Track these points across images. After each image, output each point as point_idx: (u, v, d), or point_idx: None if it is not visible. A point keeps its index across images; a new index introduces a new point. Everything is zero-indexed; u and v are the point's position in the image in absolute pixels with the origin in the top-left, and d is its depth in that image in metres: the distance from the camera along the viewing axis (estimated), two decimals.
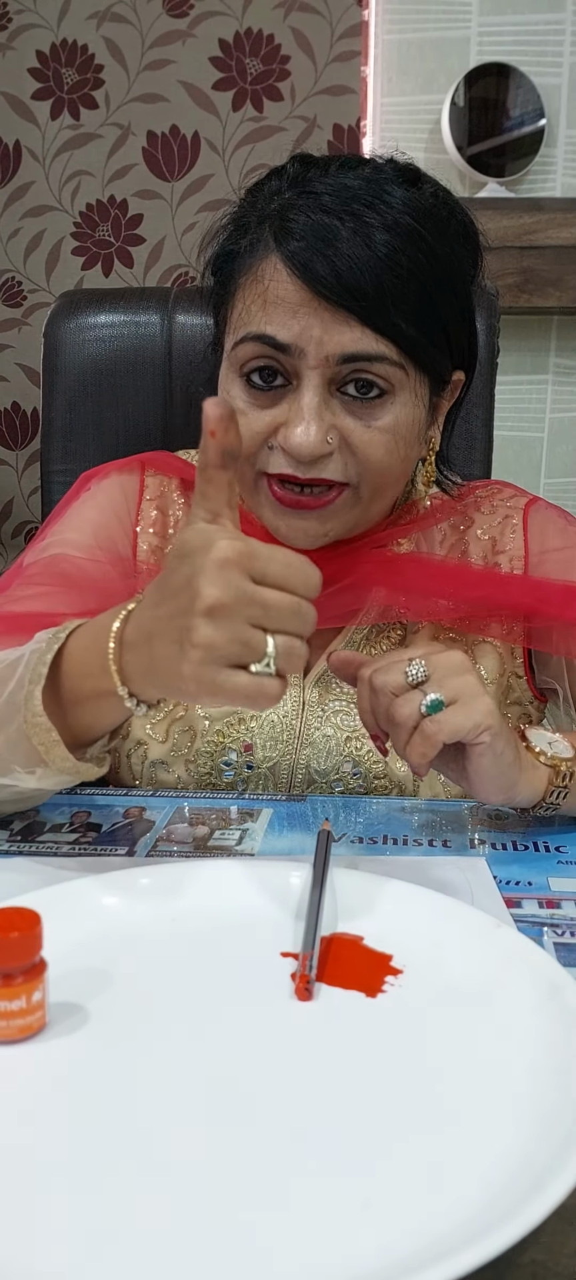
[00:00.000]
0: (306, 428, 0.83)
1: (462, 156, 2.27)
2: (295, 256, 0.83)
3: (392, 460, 0.88)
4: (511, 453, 2.37)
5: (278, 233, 0.85)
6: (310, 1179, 0.45)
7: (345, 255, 0.82)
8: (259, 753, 0.96)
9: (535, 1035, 0.53)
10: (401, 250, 0.83)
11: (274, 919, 0.65)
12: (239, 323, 0.88)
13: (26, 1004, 0.54)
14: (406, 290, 0.84)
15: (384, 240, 0.83)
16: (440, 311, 0.87)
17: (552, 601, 0.95)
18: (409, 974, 0.60)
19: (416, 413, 0.89)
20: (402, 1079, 0.51)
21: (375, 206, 0.84)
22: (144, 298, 1.35)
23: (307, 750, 0.96)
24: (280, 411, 0.86)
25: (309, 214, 0.84)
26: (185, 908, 0.67)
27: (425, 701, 0.74)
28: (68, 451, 1.33)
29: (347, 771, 0.96)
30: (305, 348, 0.84)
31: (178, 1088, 0.51)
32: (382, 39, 2.29)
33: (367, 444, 0.86)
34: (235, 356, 0.88)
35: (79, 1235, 0.42)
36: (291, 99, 2.32)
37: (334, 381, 0.85)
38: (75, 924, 0.63)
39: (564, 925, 0.68)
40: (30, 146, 2.37)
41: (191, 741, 0.96)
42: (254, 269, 0.87)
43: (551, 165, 2.33)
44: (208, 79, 2.32)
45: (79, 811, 0.88)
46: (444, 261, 0.87)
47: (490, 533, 1.00)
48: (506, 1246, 0.39)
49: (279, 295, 0.84)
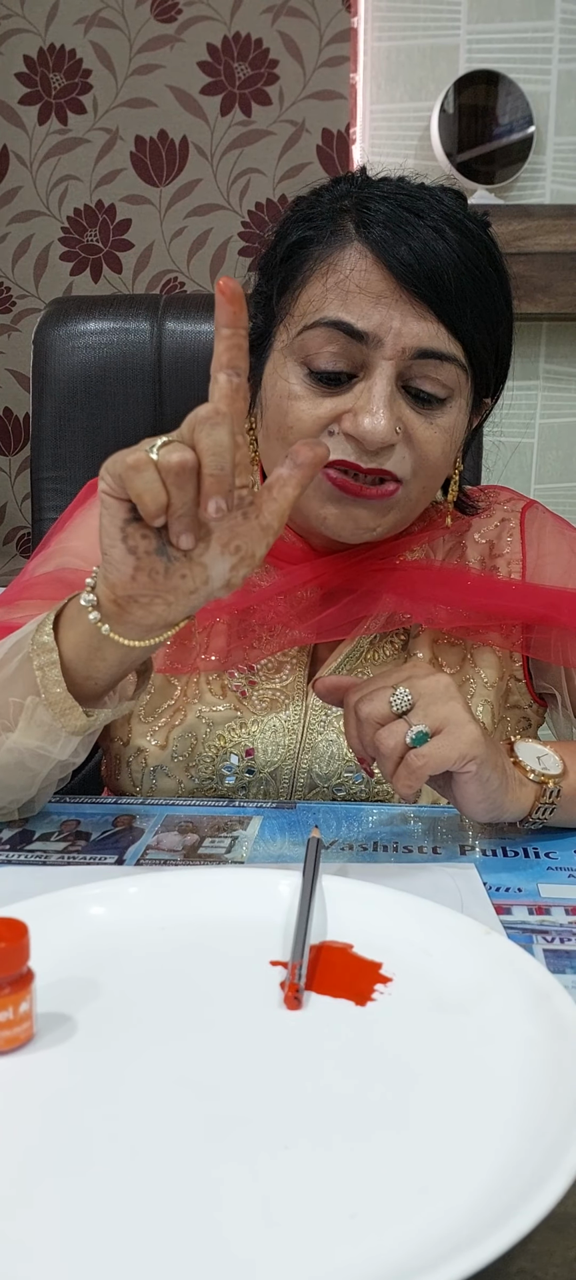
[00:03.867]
0: (377, 416, 0.84)
1: (451, 163, 2.27)
2: (379, 244, 0.84)
3: (445, 462, 0.90)
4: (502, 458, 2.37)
5: (358, 222, 0.86)
6: (297, 1189, 0.44)
7: (426, 244, 0.84)
8: (260, 757, 0.95)
9: (524, 1042, 0.53)
10: (473, 254, 0.86)
11: (263, 927, 0.65)
12: (307, 309, 0.87)
13: (13, 1015, 0.53)
14: (478, 294, 0.86)
15: (457, 240, 0.85)
16: (498, 328, 0.90)
17: (554, 607, 0.95)
18: (398, 982, 0.60)
19: (464, 421, 0.92)
20: (391, 1088, 0.51)
21: (445, 214, 0.86)
22: (134, 305, 1.35)
23: (309, 755, 0.96)
24: (343, 400, 0.86)
25: (389, 205, 0.86)
26: (174, 916, 0.66)
27: (410, 734, 0.74)
28: (58, 458, 1.32)
29: (349, 777, 0.95)
30: (383, 338, 0.84)
31: (166, 1098, 0.50)
32: (372, 45, 2.30)
33: (428, 441, 0.87)
34: (300, 343, 0.87)
35: (65, 1246, 0.41)
36: (280, 104, 2.32)
37: (403, 376, 0.86)
38: (63, 934, 0.63)
39: (553, 932, 0.68)
40: (17, 151, 2.36)
41: (192, 748, 0.96)
42: (331, 258, 0.87)
43: (540, 172, 2.33)
44: (196, 84, 2.32)
45: (68, 820, 0.87)
46: (503, 279, 0.90)
47: (487, 536, 1.01)
48: (495, 1256, 0.39)
49: (360, 284, 0.85)
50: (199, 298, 1.36)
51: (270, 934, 0.64)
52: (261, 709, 0.96)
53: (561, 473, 2.44)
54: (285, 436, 0.88)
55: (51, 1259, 0.41)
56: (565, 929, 0.69)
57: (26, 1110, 0.50)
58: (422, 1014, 0.57)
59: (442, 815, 0.89)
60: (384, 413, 0.84)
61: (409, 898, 0.67)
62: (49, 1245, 0.42)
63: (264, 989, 0.59)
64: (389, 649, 0.99)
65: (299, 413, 0.87)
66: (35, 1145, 0.47)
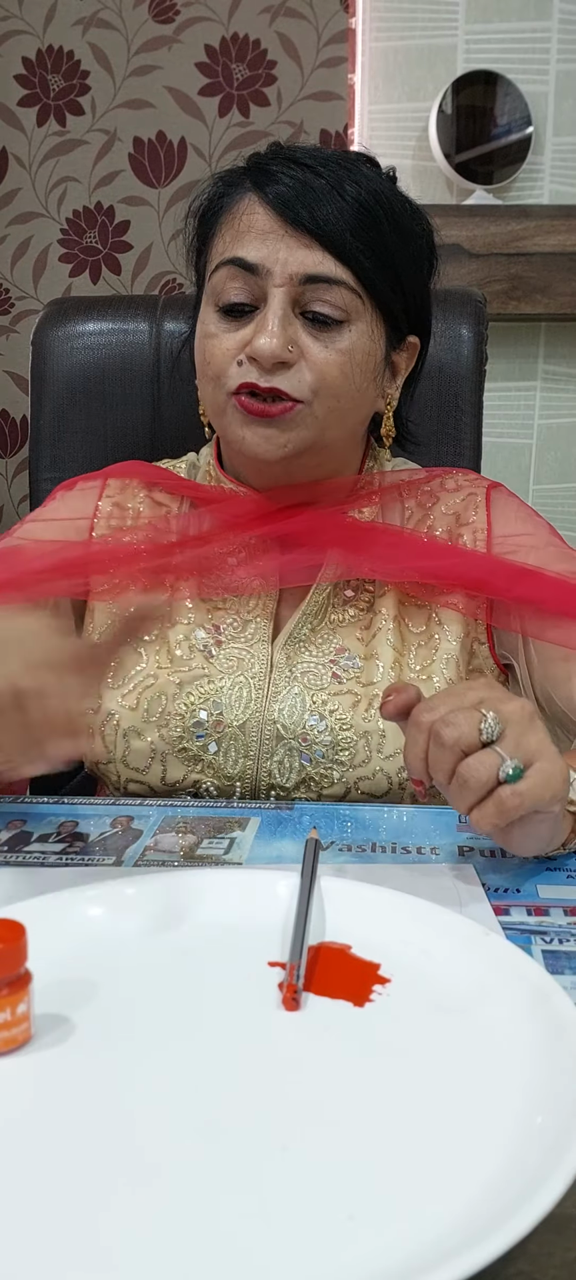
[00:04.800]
0: (270, 334, 0.92)
1: (450, 164, 2.27)
2: (266, 190, 0.95)
3: (347, 384, 0.96)
4: (501, 459, 2.38)
5: (256, 178, 0.97)
6: (295, 1190, 0.44)
7: (306, 183, 0.94)
8: (228, 713, 0.98)
9: (523, 1043, 0.53)
10: (367, 201, 0.95)
11: (261, 928, 0.65)
12: (214, 255, 0.99)
13: (11, 1016, 0.53)
14: (367, 230, 0.95)
15: (353, 193, 0.95)
16: (395, 259, 0.97)
17: (500, 577, 0.99)
18: (397, 983, 0.60)
19: (372, 347, 0.98)
20: (390, 1089, 0.51)
21: (347, 168, 0.96)
22: (132, 305, 1.35)
23: (275, 707, 0.98)
24: (248, 331, 0.95)
25: (285, 164, 0.96)
26: (172, 918, 0.66)
27: (505, 769, 0.69)
28: (56, 459, 1.32)
29: (313, 726, 0.97)
30: (271, 268, 0.94)
31: (164, 1099, 0.50)
32: (370, 46, 2.30)
33: (324, 362, 0.94)
34: (211, 287, 0.98)
35: (63, 1248, 0.41)
36: (278, 104, 2.32)
37: (297, 303, 0.95)
38: (61, 935, 0.63)
39: (552, 933, 0.68)
40: (16, 153, 2.36)
41: (162, 707, 0.99)
42: (232, 209, 0.98)
43: (539, 172, 2.33)
44: (194, 85, 2.32)
45: (66, 821, 0.87)
46: (403, 228, 0.98)
47: (454, 509, 1.05)
48: (493, 1257, 0.39)
49: (250, 224, 0.96)
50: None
51: (268, 935, 0.64)
52: (228, 667, 1.00)
53: (560, 473, 2.44)
54: (205, 372, 0.98)
55: (51, 1259, 0.41)
56: (563, 930, 0.69)
57: (24, 1112, 0.50)
58: (421, 1015, 0.57)
59: (441, 816, 0.89)
60: (276, 331, 0.92)
61: (407, 898, 0.67)
62: (48, 1245, 0.41)
63: (262, 990, 0.59)
64: (352, 610, 1.02)
65: (213, 348, 0.97)
66: (33, 1146, 0.47)
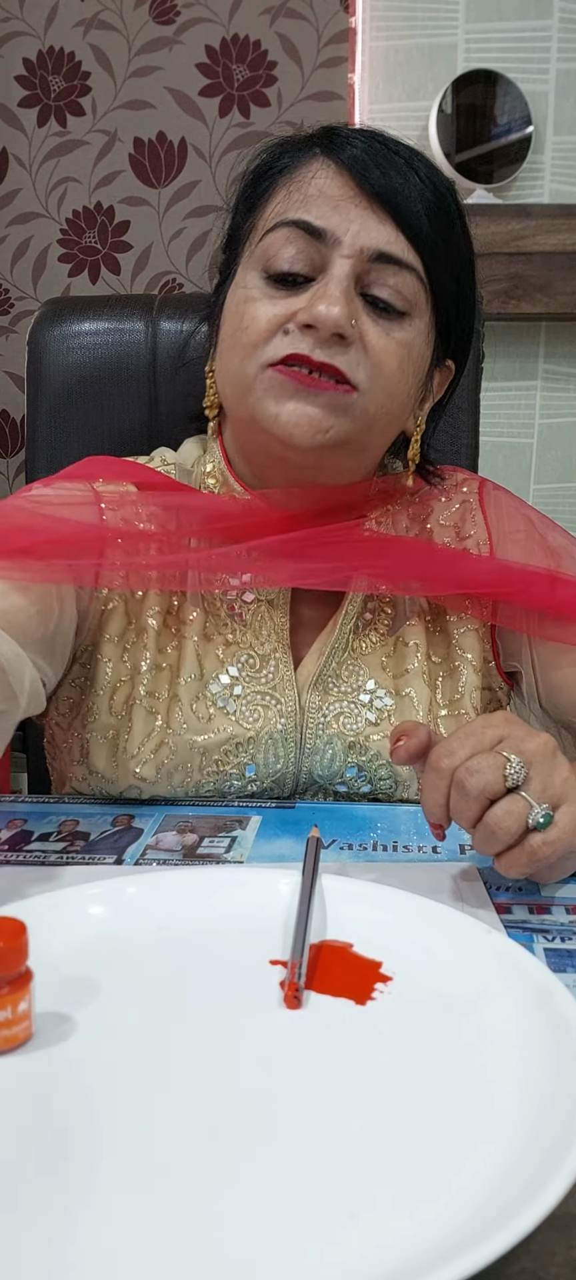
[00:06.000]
0: (332, 302, 0.82)
1: (450, 163, 2.27)
2: (342, 156, 0.86)
3: (402, 380, 0.88)
4: (501, 458, 2.37)
5: (328, 143, 0.87)
6: (297, 1189, 0.44)
7: (395, 167, 0.86)
8: (262, 770, 0.93)
9: (525, 1041, 0.53)
10: (440, 188, 0.88)
11: (262, 926, 0.65)
12: (270, 216, 0.88)
13: (12, 1014, 0.53)
14: (440, 219, 0.88)
15: (426, 173, 0.88)
16: (461, 261, 0.91)
17: (522, 583, 0.94)
18: (399, 981, 0.60)
19: (426, 352, 0.91)
20: (392, 1087, 0.51)
21: (412, 150, 0.89)
22: (128, 305, 1.34)
23: (310, 759, 0.94)
24: (300, 300, 0.85)
25: (356, 134, 0.88)
26: (173, 916, 0.66)
27: (535, 817, 0.68)
28: (53, 460, 1.32)
29: (351, 776, 0.94)
30: (341, 236, 0.84)
31: (165, 1098, 0.50)
32: (369, 45, 2.30)
33: (384, 350, 0.86)
34: (261, 249, 0.87)
35: (64, 1246, 0.41)
36: (278, 105, 2.32)
37: (360, 281, 0.85)
38: (62, 933, 0.63)
39: (554, 931, 0.68)
40: (16, 153, 2.36)
41: (186, 772, 0.92)
42: (297, 170, 0.88)
43: (539, 171, 2.33)
44: (194, 85, 2.32)
45: (67, 820, 0.87)
46: (467, 235, 0.92)
47: (451, 520, 1.00)
48: (496, 1256, 0.38)
49: (320, 188, 0.86)
50: (193, 297, 1.36)
51: (270, 933, 0.64)
52: (253, 719, 0.93)
53: (560, 473, 2.44)
54: (239, 339, 0.87)
55: (50, 1258, 0.40)
56: (565, 928, 0.69)
57: (24, 1110, 0.50)
58: (423, 1013, 0.57)
59: None
60: (341, 299, 0.82)
61: (409, 896, 0.67)
62: (48, 1244, 0.41)
63: (263, 988, 0.59)
64: (374, 634, 0.97)
65: (254, 312, 0.86)
66: (33, 1145, 0.47)
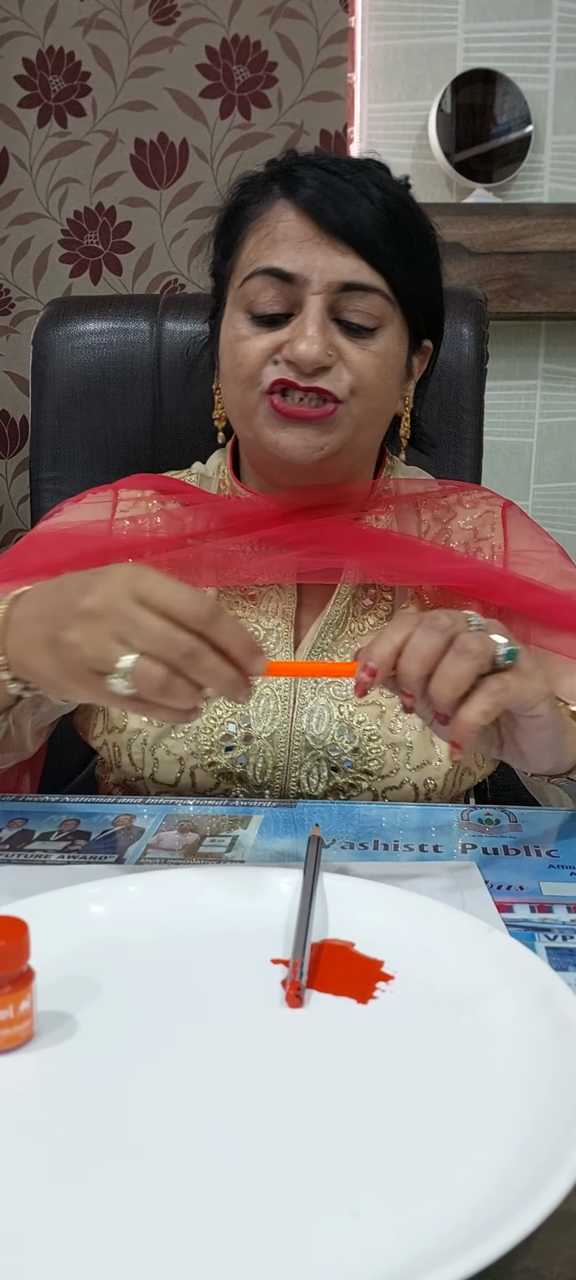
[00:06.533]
0: (310, 340, 0.92)
1: (450, 162, 2.27)
2: (301, 197, 0.95)
3: (382, 385, 0.97)
4: (501, 458, 2.37)
5: (286, 184, 0.96)
6: (300, 1187, 0.44)
7: (342, 192, 0.94)
8: (255, 725, 0.98)
9: (527, 1040, 0.53)
10: (393, 207, 0.96)
11: (264, 925, 0.65)
12: (246, 263, 0.98)
13: (14, 1013, 0.53)
14: (397, 236, 0.96)
15: (379, 196, 0.95)
16: (420, 264, 0.99)
17: (512, 585, 0.99)
18: (400, 980, 0.60)
19: (400, 350, 1.00)
20: (394, 1086, 0.51)
21: (367, 172, 0.97)
22: (133, 305, 1.34)
23: (304, 718, 0.98)
24: (283, 333, 0.95)
25: (315, 170, 0.96)
26: (174, 915, 0.66)
27: (500, 650, 0.69)
28: (57, 459, 1.32)
29: (342, 737, 0.97)
30: (309, 276, 0.93)
31: (167, 1096, 0.50)
32: (369, 45, 2.30)
33: (362, 363, 0.95)
34: (242, 294, 0.97)
35: (65, 1245, 0.41)
36: (279, 105, 2.32)
37: (333, 309, 0.94)
38: (63, 932, 0.63)
39: (555, 930, 0.68)
40: (17, 154, 2.36)
41: (190, 728, 0.98)
42: (262, 216, 0.98)
43: (538, 171, 2.34)
44: (195, 86, 2.32)
45: (68, 819, 0.87)
46: (423, 230, 1.00)
47: (471, 524, 1.06)
48: (499, 1254, 0.38)
49: (286, 232, 0.95)
50: (198, 298, 1.36)
51: (271, 932, 0.64)
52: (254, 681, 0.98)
53: (560, 472, 2.43)
54: (235, 374, 0.97)
55: (50, 1258, 0.41)
56: (567, 927, 0.69)
57: (27, 1109, 0.50)
58: (424, 1012, 0.57)
59: (444, 813, 0.89)
60: (316, 336, 0.92)
61: (410, 896, 0.67)
62: (48, 1244, 0.41)
63: (265, 987, 0.59)
64: (372, 618, 1.03)
65: (246, 349, 0.96)
66: (35, 1144, 0.47)
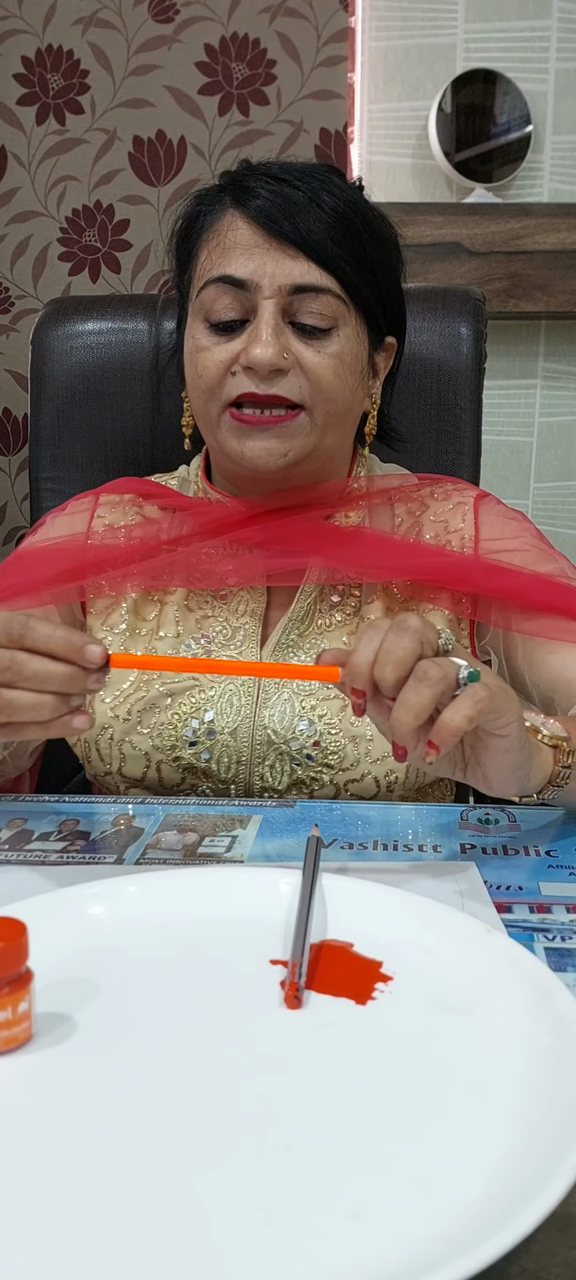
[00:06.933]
0: (264, 344, 0.94)
1: (450, 162, 2.27)
2: (249, 205, 0.97)
3: (341, 386, 0.98)
4: (501, 457, 2.37)
5: (236, 195, 0.99)
6: (298, 1189, 0.44)
7: (288, 197, 0.96)
8: (218, 721, 0.99)
9: (526, 1041, 0.53)
10: (343, 210, 0.98)
11: (263, 926, 0.65)
12: (201, 273, 1.00)
13: (12, 1015, 0.53)
14: (347, 238, 0.97)
15: (328, 201, 0.97)
16: (373, 264, 1.01)
17: (478, 572, 1.01)
18: (399, 980, 0.60)
19: (359, 349, 1.01)
20: (392, 1087, 0.51)
21: (320, 179, 0.99)
22: (131, 305, 1.34)
23: (265, 713, 0.99)
24: (240, 342, 0.97)
25: (264, 179, 0.98)
26: (173, 916, 0.66)
27: (463, 672, 0.70)
28: (56, 458, 1.32)
29: (303, 730, 0.98)
30: (260, 282, 0.96)
31: (165, 1098, 0.50)
32: (369, 45, 2.30)
33: (318, 366, 0.97)
34: (199, 304, 0.99)
35: (64, 1246, 0.41)
36: (278, 104, 2.31)
37: (287, 313, 0.96)
38: (62, 933, 0.63)
39: (555, 930, 0.68)
40: (15, 152, 2.36)
41: (154, 717, 0.99)
42: (214, 226, 1.00)
43: (538, 171, 2.33)
44: (194, 84, 2.32)
45: (67, 820, 0.87)
46: (376, 233, 1.01)
47: (443, 517, 1.07)
48: (497, 1256, 0.38)
49: (236, 240, 0.97)
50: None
51: (270, 933, 0.64)
52: (218, 676, 1.01)
53: (560, 472, 2.43)
54: (198, 385, 0.99)
55: (50, 1258, 0.41)
56: (566, 927, 0.69)
57: (25, 1111, 0.50)
58: (423, 1013, 0.57)
59: (443, 814, 0.89)
60: (270, 340, 0.94)
61: (409, 896, 0.67)
62: (48, 1244, 0.41)
63: (264, 988, 0.59)
64: (339, 614, 1.04)
65: (205, 361, 0.98)
66: (34, 1145, 0.47)
